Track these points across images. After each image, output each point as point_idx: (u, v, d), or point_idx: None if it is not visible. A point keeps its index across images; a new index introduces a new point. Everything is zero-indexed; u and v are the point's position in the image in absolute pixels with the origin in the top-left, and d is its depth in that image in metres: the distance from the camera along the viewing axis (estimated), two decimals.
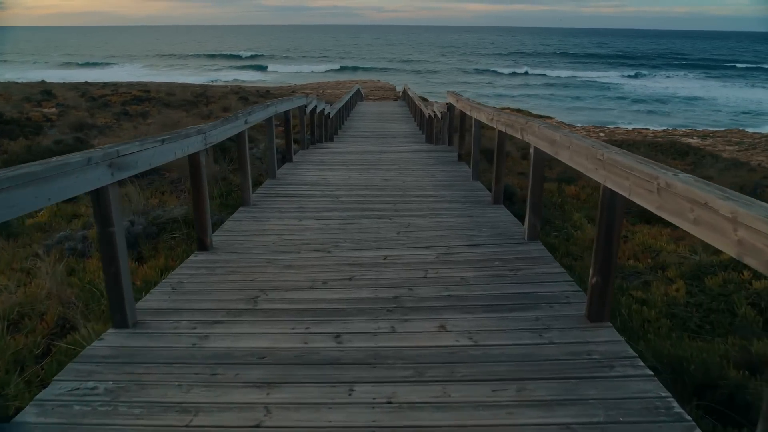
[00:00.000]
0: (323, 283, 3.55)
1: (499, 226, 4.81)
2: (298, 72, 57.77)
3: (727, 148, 21.21)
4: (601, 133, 23.92)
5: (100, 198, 2.68)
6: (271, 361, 2.60)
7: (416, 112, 15.00)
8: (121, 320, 2.88)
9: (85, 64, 68.79)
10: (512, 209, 5.80)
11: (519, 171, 9.70)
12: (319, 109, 10.66)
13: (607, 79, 54.04)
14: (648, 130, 25.96)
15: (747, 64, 70.11)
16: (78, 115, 16.80)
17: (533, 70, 60.81)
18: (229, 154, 8.43)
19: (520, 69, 62.38)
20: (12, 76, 38.30)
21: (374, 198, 5.92)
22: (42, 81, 30.87)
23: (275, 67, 63.59)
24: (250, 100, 20.34)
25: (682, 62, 72.90)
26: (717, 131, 25.66)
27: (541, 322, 2.95)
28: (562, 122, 26.19)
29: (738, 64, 69.99)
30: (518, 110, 26.82)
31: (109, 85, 29.28)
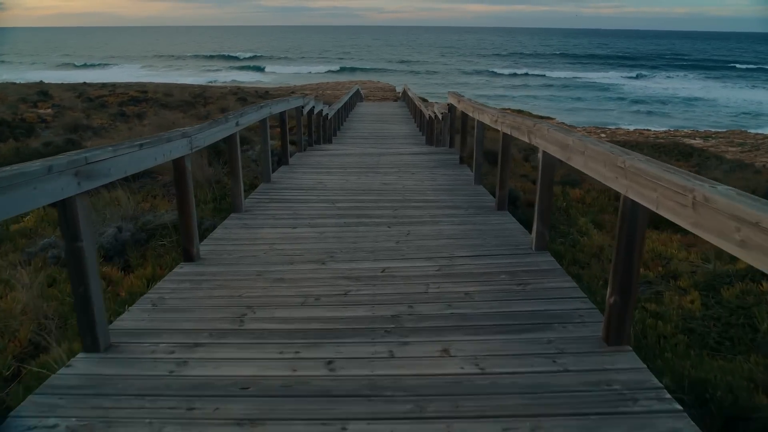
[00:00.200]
0: (316, 300, 3.29)
1: (505, 235, 4.55)
2: (297, 73, 57.49)
3: (730, 149, 20.98)
4: (603, 134, 23.70)
5: (66, 210, 2.41)
6: (256, 392, 2.34)
7: (416, 113, 14.74)
8: (92, 344, 2.61)
9: (83, 65, 68.54)
10: (516, 214, 5.56)
11: (521, 173, 9.44)
12: (316, 110, 10.41)
13: (607, 80, 53.74)
14: (649, 131, 25.73)
15: (747, 65, 69.85)
16: (74, 116, 16.56)
17: (533, 71, 60.55)
18: (224, 156, 8.17)
19: (519, 70, 62.13)
20: (10, 77, 38.03)
21: (372, 204, 5.67)
22: (40, 82, 30.66)
23: (275, 68, 63.30)
24: (249, 101, 20.09)
25: (683, 63, 72.64)
26: (719, 132, 25.44)
27: (554, 345, 2.68)
28: (563, 123, 25.96)
29: (738, 65, 69.71)
30: (519, 111, 26.58)
31: (107, 85, 29.05)
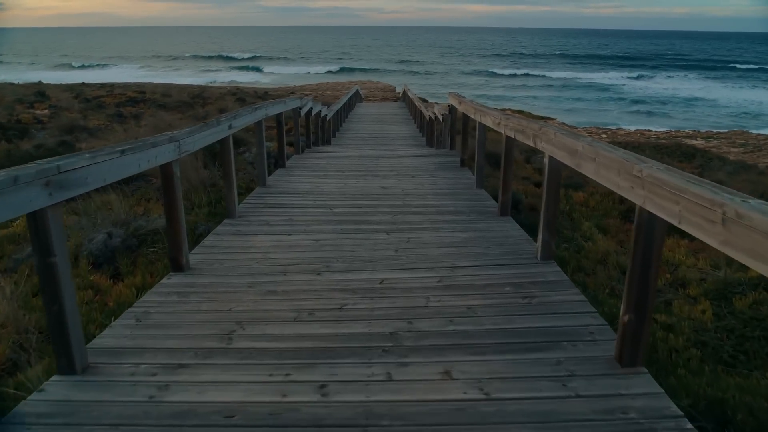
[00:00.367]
0: (309, 314, 3.10)
1: (508, 243, 4.36)
2: (297, 73, 57.30)
3: (732, 149, 20.82)
4: (604, 135, 23.54)
5: (37, 223, 2.23)
6: (241, 421, 2.16)
7: (416, 114, 14.56)
8: (68, 366, 2.43)
9: (82, 66, 68.33)
10: (518, 219, 5.38)
11: (523, 176, 9.25)
12: (315, 111, 10.22)
13: (607, 80, 53.54)
14: (650, 132, 25.55)
15: (747, 65, 69.64)
16: (70, 117, 16.39)
17: (533, 71, 60.36)
18: (221, 158, 8.01)
19: (519, 70, 61.93)
20: (9, 78, 37.82)
21: (371, 209, 5.48)
22: (39, 82, 30.48)
23: (274, 69, 63.08)
24: (248, 102, 19.93)
25: (683, 63, 72.42)
26: (720, 133, 25.27)
27: (564, 366, 2.50)
28: (564, 123, 25.77)
29: (738, 65, 69.50)
30: (519, 111, 26.40)
31: (106, 86, 28.86)
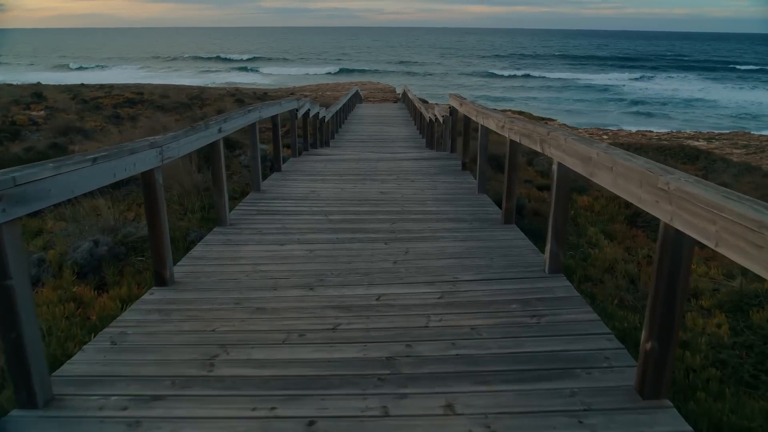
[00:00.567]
0: (300, 336, 2.86)
1: (513, 254, 4.11)
2: (296, 74, 57.08)
3: (735, 151, 20.61)
4: (605, 136, 23.34)
5: None
6: None
7: (416, 116, 14.33)
8: (28, 400, 2.18)
9: (81, 67, 68.07)
10: (522, 224, 5.14)
11: (525, 179, 9.00)
12: (312, 113, 9.99)
13: (608, 81, 53.35)
14: (652, 133, 25.33)
15: (747, 66, 69.40)
16: (66, 119, 16.15)
17: (533, 72, 60.17)
18: (211, 163, 7.77)
19: (519, 71, 61.73)
20: (7, 78, 37.57)
21: (368, 216, 5.24)
22: (38, 83, 30.24)
23: (274, 70, 62.86)
24: (247, 103, 19.68)
25: (683, 64, 72.20)
26: (722, 134, 25.06)
27: (579, 398, 2.26)
28: (564, 124, 25.56)
29: (738, 66, 69.27)
30: (519, 112, 26.17)
31: (104, 87, 28.62)
